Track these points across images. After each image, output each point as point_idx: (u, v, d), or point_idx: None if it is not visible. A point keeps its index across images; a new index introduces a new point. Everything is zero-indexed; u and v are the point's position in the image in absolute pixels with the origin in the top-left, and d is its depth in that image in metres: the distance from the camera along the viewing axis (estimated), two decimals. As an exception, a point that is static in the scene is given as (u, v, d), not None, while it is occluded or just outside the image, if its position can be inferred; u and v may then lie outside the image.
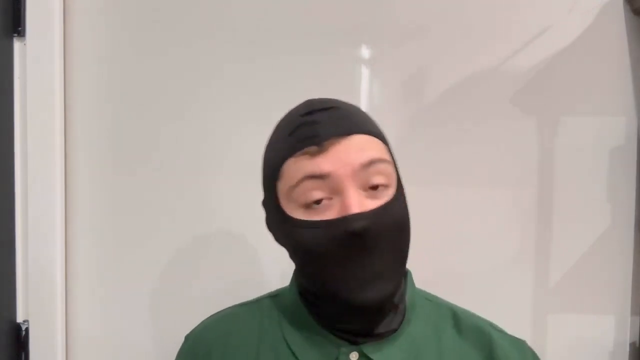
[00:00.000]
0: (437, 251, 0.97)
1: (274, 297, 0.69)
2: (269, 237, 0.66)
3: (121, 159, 1.01)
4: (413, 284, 0.66)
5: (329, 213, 0.56)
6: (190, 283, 1.01)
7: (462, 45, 0.97)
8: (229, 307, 0.71)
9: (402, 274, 0.60)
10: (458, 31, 0.97)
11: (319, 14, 0.98)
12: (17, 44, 1.00)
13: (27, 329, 1.00)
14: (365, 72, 0.99)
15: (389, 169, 0.58)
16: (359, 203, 0.55)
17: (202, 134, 1.00)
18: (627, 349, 0.98)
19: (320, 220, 0.56)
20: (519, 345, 0.65)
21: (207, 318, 0.71)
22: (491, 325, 0.66)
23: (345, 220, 0.54)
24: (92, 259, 1.02)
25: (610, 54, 0.97)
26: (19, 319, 1.01)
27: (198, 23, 1.00)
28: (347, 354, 0.59)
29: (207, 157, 1.00)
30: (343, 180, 0.55)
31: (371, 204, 0.56)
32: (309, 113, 0.59)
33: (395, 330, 0.61)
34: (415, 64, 0.98)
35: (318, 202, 0.56)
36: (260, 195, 0.64)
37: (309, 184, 0.56)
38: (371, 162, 0.56)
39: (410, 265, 0.65)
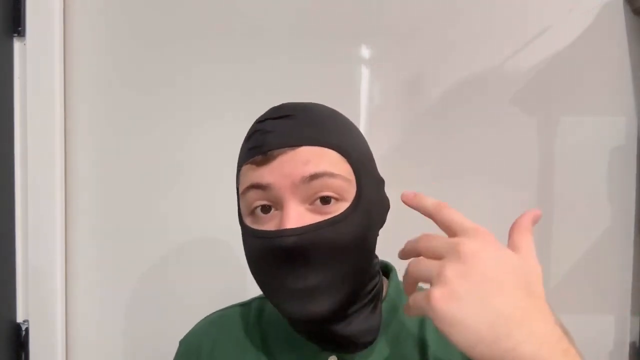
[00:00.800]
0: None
1: (263, 298, 0.69)
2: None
3: (121, 159, 1.01)
4: (397, 284, 0.64)
5: (270, 224, 0.55)
6: (189, 283, 1.01)
7: (462, 45, 0.97)
8: (221, 309, 0.72)
9: (351, 290, 0.56)
10: (458, 31, 0.97)
11: (319, 14, 0.98)
12: (17, 44, 1.00)
13: (27, 329, 1.00)
14: (365, 72, 0.99)
15: (339, 183, 0.54)
16: (296, 218, 0.53)
17: (202, 134, 1.00)
18: (627, 349, 0.98)
19: (258, 230, 0.55)
20: None
21: (200, 321, 0.72)
22: None
23: (278, 235, 0.53)
24: (92, 259, 1.02)
25: (610, 54, 0.97)
26: (19, 319, 1.01)
27: (197, 23, 1.00)
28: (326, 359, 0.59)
29: (208, 157, 1.00)
30: (283, 193, 0.54)
31: (312, 218, 0.54)
32: (263, 120, 0.58)
33: (374, 331, 0.60)
34: (415, 64, 0.98)
35: (267, 210, 0.55)
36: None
37: (252, 193, 0.55)
38: (314, 176, 0.53)
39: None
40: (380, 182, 0.62)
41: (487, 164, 0.97)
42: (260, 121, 0.59)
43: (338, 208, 0.55)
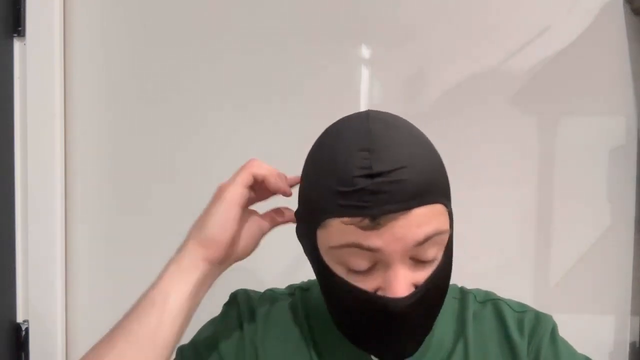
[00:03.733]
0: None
1: (306, 291, 0.68)
2: (270, 238, 0.66)
3: (121, 159, 1.01)
4: None
5: (369, 281, 0.52)
6: (190, 283, 1.00)
7: (462, 46, 0.97)
8: (274, 291, 0.70)
9: (433, 324, 0.58)
10: (458, 31, 0.97)
11: (319, 14, 0.98)
12: (17, 44, 1.00)
13: (27, 329, 1.00)
14: (365, 72, 0.99)
15: (445, 238, 0.53)
16: (406, 286, 0.51)
17: (202, 134, 1.00)
18: (627, 349, 0.98)
19: (359, 288, 0.52)
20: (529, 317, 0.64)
21: (257, 291, 0.70)
22: (503, 301, 0.66)
23: (385, 301, 0.51)
24: (92, 259, 1.02)
25: (610, 54, 0.97)
26: (19, 319, 1.01)
27: (198, 23, 1.00)
28: None
29: (208, 157, 1.00)
30: (392, 257, 0.50)
31: (415, 276, 0.52)
32: (370, 176, 0.49)
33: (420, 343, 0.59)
34: (415, 64, 0.98)
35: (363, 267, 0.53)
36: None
37: (354, 251, 0.51)
38: (427, 238, 0.51)
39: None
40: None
41: (487, 163, 0.97)
42: (362, 175, 0.49)
43: (436, 260, 0.53)
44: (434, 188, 0.52)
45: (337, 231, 0.51)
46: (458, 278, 0.75)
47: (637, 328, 0.97)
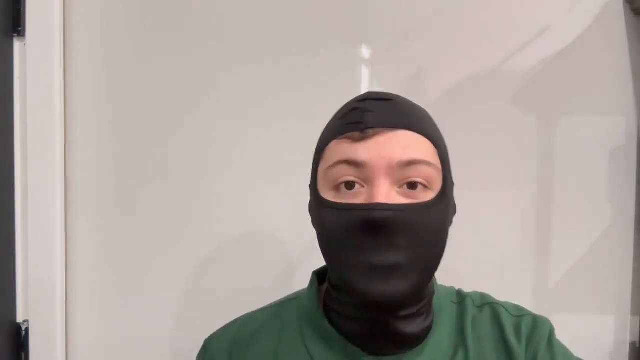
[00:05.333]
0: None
1: (294, 299, 0.68)
2: (272, 239, 0.67)
3: (121, 159, 1.01)
4: (438, 290, 0.65)
5: (356, 199, 0.55)
6: (190, 284, 1.00)
7: (462, 45, 0.97)
8: (251, 312, 0.70)
9: (425, 280, 0.58)
10: (458, 31, 0.97)
11: (319, 14, 0.98)
12: (17, 44, 1.00)
13: (27, 329, 1.00)
14: (365, 72, 0.99)
15: (431, 172, 0.56)
16: (387, 195, 0.54)
17: (202, 134, 1.00)
18: (627, 349, 0.98)
19: (344, 203, 0.56)
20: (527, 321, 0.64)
21: (229, 323, 0.70)
22: (500, 305, 0.66)
23: (367, 208, 0.53)
24: (92, 259, 1.02)
25: (610, 54, 0.97)
26: (19, 319, 1.01)
27: (198, 24, 1.00)
28: None
29: (208, 157, 1.00)
30: (376, 172, 0.54)
31: (400, 200, 0.55)
32: (363, 100, 0.59)
33: (418, 339, 0.60)
34: (415, 64, 0.98)
35: (350, 187, 0.56)
36: (263, 196, 0.64)
37: (343, 168, 0.56)
38: (412, 162, 0.55)
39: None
40: (453, 184, 0.63)
41: (487, 163, 0.97)
42: (360, 100, 0.59)
43: (425, 196, 0.56)
44: (423, 126, 0.58)
45: (332, 152, 0.57)
46: (458, 278, 0.75)
47: (637, 328, 0.97)
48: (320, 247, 0.60)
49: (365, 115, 0.56)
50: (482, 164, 0.97)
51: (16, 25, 0.99)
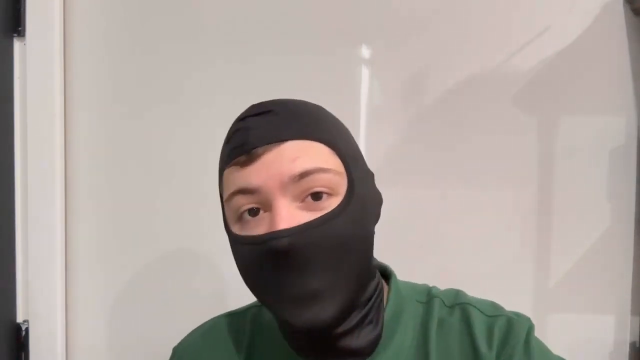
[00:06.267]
0: (437, 251, 0.97)
1: (259, 307, 0.66)
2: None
3: (121, 159, 1.01)
4: (398, 290, 0.61)
5: (260, 228, 0.51)
6: (190, 284, 1.01)
7: (462, 45, 0.97)
8: (215, 317, 0.69)
9: (354, 293, 0.53)
10: (458, 31, 0.97)
11: (319, 14, 0.98)
12: (17, 44, 1.00)
13: (27, 329, 1.00)
14: (365, 72, 0.99)
15: (330, 177, 0.51)
16: (288, 217, 0.50)
17: (202, 134, 1.00)
18: (627, 349, 0.98)
19: (248, 236, 0.52)
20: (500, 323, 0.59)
21: (193, 330, 0.69)
22: (472, 306, 0.60)
23: (270, 237, 0.49)
24: (92, 259, 1.02)
25: (610, 54, 0.96)
26: (19, 319, 1.01)
27: (198, 23, 1.00)
28: None
29: (208, 157, 1.00)
30: (271, 195, 0.50)
31: (305, 216, 0.50)
32: (243, 118, 0.54)
33: (374, 344, 0.56)
34: (415, 64, 0.98)
35: (254, 213, 0.52)
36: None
37: (239, 198, 0.52)
38: (304, 174, 0.50)
39: (410, 265, 0.64)
40: (371, 175, 0.59)
41: (487, 163, 0.97)
42: (240, 119, 0.55)
43: (331, 203, 0.51)
44: (312, 129, 0.53)
45: (227, 182, 0.54)
46: (458, 278, 0.76)
47: (637, 328, 0.97)
48: (238, 267, 0.56)
49: (248, 135, 0.52)
50: (482, 164, 0.97)
51: (16, 25, 0.99)
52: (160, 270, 1.01)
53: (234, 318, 0.67)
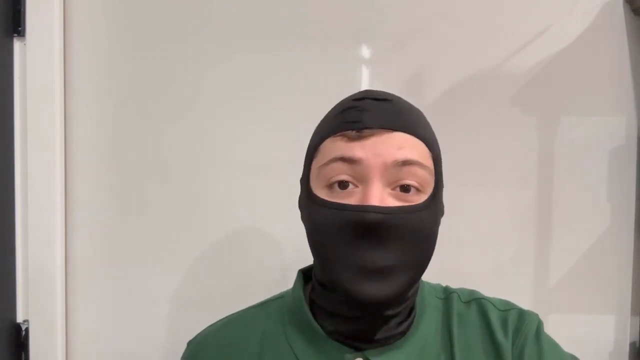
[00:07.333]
0: (437, 251, 0.96)
1: (280, 299, 0.68)
2: (270, 238, 0.67)
3: (121, 159, 1.01)
4: (423, 286, 0.65)
5: (349, 199, 0.55)
6: (190, 284, 1.01)
7: (462, 45, 0.97)
8: (234, 313, 0.70)
9: (414, 281, 0.58)
10: (458, 31, 0.97)
11: (319, 14, 0.98)
12: (17, 44, 1.00)
13: (27, 329, 1.00)
14: (365, 72, 0.99)
15: (424, 174, 0.57)
16: (380, 197, 0.54)
17: (202, 133, 1.00)
18: (627, 349, 0.98)
19: (338, 203, 0.55)
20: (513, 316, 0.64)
21: (212, 324, 0.70)
22: (487, 300, 0.66)
23: (361, 210, 0.53)
24: (92, 259, 1.02)
25: (610, 54, 0.97)
26: (19, 319, 1.01)
27: (198, 24, 1.00)
28: None
29: (208, 157, 1.00)
30: (371, 171, 0.55)
31: (393, 203, 0.55)
32: (361, 99, 0.58)
33: (402, 335, 0.60)
34: (415, 64, 0.98)
35: (344, 186, 0.56)
36: (261, 195, 0.64)
37: (338, 165, 0.56)
38: (407, 162, 0.55)
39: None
40: (443, 186, 0.63)
41: (487, 163, 0.97)
42: (357, 99, 0.59)
43: (417, 199, 0.56)
44: (419, 128, 0.58)
45: (327, 149, 0.57)
46: (458, 278, 0.76)
47: (637, 328, 0.97)
48: (309, 243, 0.60)
49: (363, 114, 0.56)
50: (482, 164, 0.97)
51: (16, 25, 0.99)
52: (160, 271, 1.01)
53: (256, 310, 0.68)
